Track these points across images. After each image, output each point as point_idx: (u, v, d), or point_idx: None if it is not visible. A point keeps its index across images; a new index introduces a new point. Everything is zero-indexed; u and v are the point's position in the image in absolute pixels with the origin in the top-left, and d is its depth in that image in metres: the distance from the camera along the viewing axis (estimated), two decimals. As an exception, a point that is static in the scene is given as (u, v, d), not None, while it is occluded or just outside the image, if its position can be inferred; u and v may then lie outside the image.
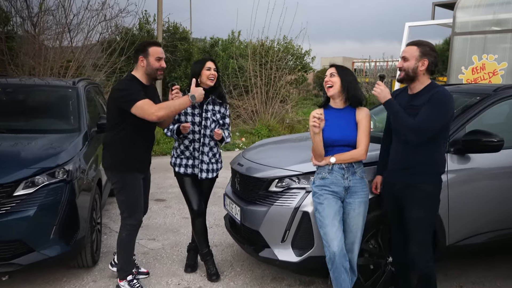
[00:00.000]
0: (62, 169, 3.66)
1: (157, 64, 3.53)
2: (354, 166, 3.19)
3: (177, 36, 16.03)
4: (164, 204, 6.55)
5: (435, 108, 2.94)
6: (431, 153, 3.06)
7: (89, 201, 3.97)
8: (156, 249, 4.72)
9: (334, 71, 3.21)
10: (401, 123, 3.01)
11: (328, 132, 3.19)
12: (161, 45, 3.66)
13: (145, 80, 3.59)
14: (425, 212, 3.08)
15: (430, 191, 3.08)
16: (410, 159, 3.08)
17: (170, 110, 3.41)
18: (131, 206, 3.61)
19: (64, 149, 3.90)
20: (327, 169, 3.19)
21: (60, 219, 3.56)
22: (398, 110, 3.04)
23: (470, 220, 3.69)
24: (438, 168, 3.11)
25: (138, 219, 3.68)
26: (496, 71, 8.49)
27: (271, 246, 3.55)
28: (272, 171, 3.66)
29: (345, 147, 3.18)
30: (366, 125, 3.21)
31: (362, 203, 3.19)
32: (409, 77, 3.09)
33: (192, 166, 3.92)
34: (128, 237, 3.67)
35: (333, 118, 3.23)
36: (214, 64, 3.88)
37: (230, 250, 4.74)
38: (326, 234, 3.12)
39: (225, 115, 4.04)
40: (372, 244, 3.55)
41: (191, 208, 3.96)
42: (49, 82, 5.42)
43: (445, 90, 3.01)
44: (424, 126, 2.93)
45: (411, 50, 3.08)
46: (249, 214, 3.72)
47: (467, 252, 3.87)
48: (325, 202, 3.15)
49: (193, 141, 3.90)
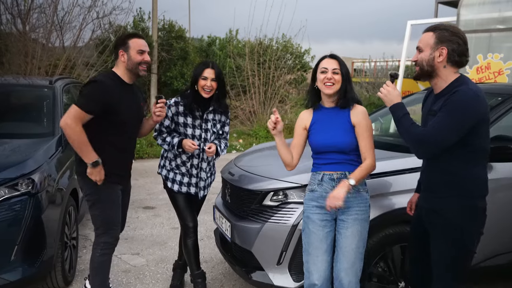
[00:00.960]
0: (26, 180, 3.20)
1: (139, 58, 3.09)
2: (348, 176, 2.65)
3: (173, 35, 15.58)
4: (153, 212, 6.08)
5: (448, 114, 2.27)
6: (457, 170, 2.38)
7: (59, 214, 3.50)
8: (139, 266, 4.25)
9: (337, 66, 2.68)
10: (405, 133, 2.39)
11: (314, 136, 2.72)
12: (143, 38, 3.21)
13: (127, 77, 3.16)
14: (447, 245, 2.41)
15: (455, 220, 2.39)
16: (431, 177, 2.50)
17: (76, 143, 2.92)
18: (106, 221, 3.15)
19: (31, 156, 3.44)
20: (317, 180, 2.70)
21: (23, 238, 3.10)
22: (403, 116, 2.40)
23: (493, 238, 3.23)
24: (467, 190, 2.39)
25: (114, 236, 3.22)
26: (502, 71, 8.15)
27: (265, 269, 3.09)
28: (266, 183, 3.20)
29: (336, 153, 2.67)
30: (368, 128, 2.67)
31: (357, 221, 2.64)
32: (425, 73, 2.43)
33: (188, 184, 3.45)
34: (102, 257, 3.19)
35: (322, 120, 2.74)
36: (213, 73, 3.30)
37: (221, 267, 4.27)
38: (308, 263, 2.69)
39: (225, 123, 3.56)
40: (381, 267, 3.09)
41: (185, 225, 3.48)
42: (23, 81, 4.93)
43: (469, 89, 2.29)
44: (431, 137, 2.29)
45: (426, 37, 2.42)
46: (241, 231, 3.26)
47: (490, 274, 3.40)
48: (311, 226, 2.68)
49: (192, 156, 3.43)
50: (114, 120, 3.04)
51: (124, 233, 5.15)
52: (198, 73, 3.32)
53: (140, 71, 3.13)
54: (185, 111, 3.36)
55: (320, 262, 2.63)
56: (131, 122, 3.18)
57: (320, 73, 2.70)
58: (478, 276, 3.33)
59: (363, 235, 2.67)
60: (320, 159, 2.71)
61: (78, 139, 2.90)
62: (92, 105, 2.94)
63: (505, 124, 3.31)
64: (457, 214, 2.39)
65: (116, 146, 3.12)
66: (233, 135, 13.06)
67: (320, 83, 2.69)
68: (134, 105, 3.20)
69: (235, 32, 16.64)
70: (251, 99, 14.04)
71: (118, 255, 4.50)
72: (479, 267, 3.21)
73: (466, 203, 2.39)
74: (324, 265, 2.64)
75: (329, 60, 2.71)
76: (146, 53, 3.13)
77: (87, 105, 2.94)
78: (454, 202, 2.40)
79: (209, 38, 17.54)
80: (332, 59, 2.71)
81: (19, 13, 10.54)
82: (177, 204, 3.52)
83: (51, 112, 4.22)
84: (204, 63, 3.37)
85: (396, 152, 3.26)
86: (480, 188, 2.43)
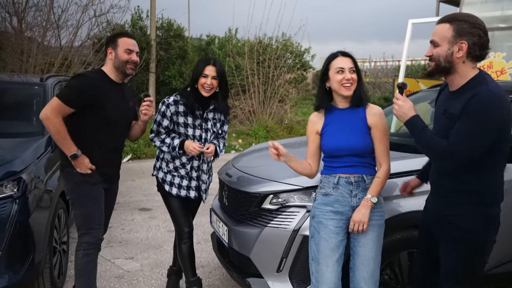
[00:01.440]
0: (11, 181, 3.02)
1: (126, 56, 3.04)
2: (366, 180, 2.51)
3: (172, 34, 15.42)
4: (149, 214, 5.91)
5: (472, 123, 2.05)
6: (472, 175, 2.18)
7: (47, 218, 3.33)
8: (132, 271, 4.07)
9: (353, 65, 2.49)
10: (427, 149, 2.20)
11: (327, 139, 2.54)
12: (133, 37, 3.15)
13: (114, 75, 3.08)
14: (458, 253, 2.24)
15: (466, 227, 2.20)
16: (442, 181, 2.30)
17: (55, 136, 2.89)
18: (87, 220, 3.01)
19: (17, 156, 3.26)
20: (332, 183, 2.52)
21: (7, 243, 2.92)
22: (421, 131, 2.19)
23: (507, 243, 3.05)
24: (481, 196, 2.19)
25: (96, 236, 3.05)
26: (504, 70, 8.03)
27: (265, 277, 2.91)
28: (265, 185, 3.02)
29: (351, 157, 2.50)
30: (384, 130, 2.51)
31: (375, 226, 2.49)
32: (442, 69, 2.20)
33: (187, 187, 3.28)
34: (85, 258, 3.02)
35: (335, 121, 2.56)
36: (214, 70, 3.14)
37: (218, 272, 4.09)
38: (317, 273, 2.47)
39: (224, 122, 3.40)
40: (387, 274, 2.91)
41: (180, 230, 3.30)
42: (12, 79, 4.76)
43: (491, 92, 2.06)
44: (461, 149, 2.08)
45: (441, 30, 2.19)
46: (238, 236, 3.08)
47: (502, 280, 3.23)
48: (323, 232, 2.48)
49: (192, 158, 3.25)
50: (100, 116, 2.97)
51: (119, 236, 4.99)
52: (199, 71, 3.15)
53: (127, 69, 3.08)
54: (186, 110, 3.19)
55: (329, 273, 2.43)
56: (118, 120, 3.09)
57: (336, 73, 2.49)
58: (489, 283, 3.15)
59: (380, 242, 2.51)
60: (334, 162, 2.54)
61: (56, 131, 2.86)
62: (73, 98, 2.90)
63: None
64: (468, 220, 2.21)
65: (102, 144, 3.03)
66: (232, 135, 12.89)
67: (337, 84, 2.49)
68: (122, 104, 3.12)
69: (235, 31, 16.49)
70: (250, 98, 13.87)
71: (112, 259, 4.33)
72: (491, 273, 3.03)
73: (479, 210, 2.20)
74: (334, 275, 2.44)
75: (344, 59, 2.51)
76: (134, 52, 3.08)
77: (68, 97, 2.89)
78: (466, 209, 2.22)
79: (208, 37, 17.38)
80: (346, 57, 2.51)
81: (15, 11, 10.39)
82: (171, 207, 3.34)
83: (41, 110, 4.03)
84: (205, 60, 3.20)
85: (403, 153, 3.07)
86: (495, 194, 2.23)
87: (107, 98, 2.98)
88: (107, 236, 4.93)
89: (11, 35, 10.27)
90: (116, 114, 3.04)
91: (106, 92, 2.98)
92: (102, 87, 2.98)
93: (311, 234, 2.56)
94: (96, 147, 2.99)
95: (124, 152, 10.10)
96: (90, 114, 2.94)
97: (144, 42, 13.92)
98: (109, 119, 3.01)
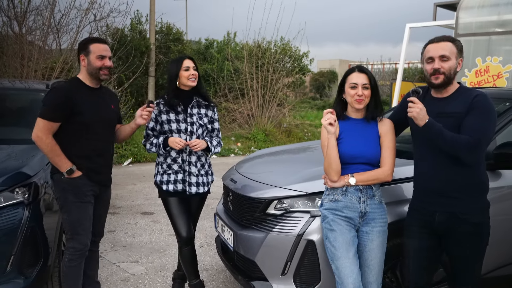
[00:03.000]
0: (22, 188, 3.10)
1: (98, 63, 3.07)
2: (373, 188, 2.65)
3: (171, 37, 15.49)
4: (152, 218, 5.99)
5: (487, 117, 2.44)
6: (475, 171, 2.53)
7: (56, 222, 3.41)
8: (138, 275, 4.15)
9: (367, 81, 2.64)
10: (453, 143, 2.43)
11: (344, 146, 2.65)
12: (106, 42, 3.19)
13: (90, 81, 3.14)
14: (474, 248, 2.57)
15: (481, 222, 2.55)
16: (450, 182, 2.53)
17: (49, 154, 2.99)
18: (73, 225, 3.07)
19: (27, 163, 3.34)
20: (340, 191, 2.65)
21: (19, 247, 2.99)
22: (441, 128, 2.46)
23: (501, 247, 3.15)
24: (486, 189, 2.59)
25: (83, 242, 3.10)
26: (501, 74, 8.12)
27: (270, 280, 3.00)
28: (270, 191, 3.11)
29: (364, 165, 2.64)
30: (392, 139, 2.69)
31: (381, 232, 2.64)
32: (449, 80, 2.53)
33: (182, 181, 3.37)
34: (69, 263, 3.08)
35: (350, 130, 2.69)
36: (192, 62, 3.39)
37: (222, 276, 4.18)
38: (339, 269, 2.57)
39: (213, 119, 3.51)
40: (388, 278, 3.00)
41: (179, 235, 3.39)
42: (18, 85, 4.83)
43: (484, 93, 2.51)
44: (485, 140, 2.47)
45: (449, 47, 2.52)
46: (244, 240, 3.16)
47: (499, 284, 3.32)
48: (337, 228, 2.61)
49: (181, 151, 3.36)
50: (78, 123, 3.02)
51: (123, 240, 5.07)
52: (178, 67, 3.33)
53: (100, 75, 3.11)
54: (166, 108, 3.35)
55: (352, 264, 2.54)
56: (97, 124, 3.11)
57: (349, 88, 2.66)
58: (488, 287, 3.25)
59: (384, 247, 2.67)
60: (344, 169, 2.65)
61: (50, 150, 2.96)
62: (54, 113, 2.97)
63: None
64: (478, 212, 2.54)
65: (86, 151, 3.07)
66: (231, 139, 12.98)
67: (350, 98, 2.66)
68: (100, 108, 3.14)
69: (233, 34, 16.58)
70: (249, 102, 13.97)
71: (117, 263, 4.41)
72: (487, 277, 3.13)
73: (484, 199, 2.58)
74: (356, 269, 2.55)
75: (359, 75, 2.66)
76: (107, 58, 3.10)
77: (48, 114, 2.96)
78: (476, 201, 2.54)
79: (206, 40, 17.46)
80: (361, 73, 2.66)
81: (15, 15, 10.45)
82: (171, 212, 3.43)
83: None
84: (180, 58, 3.40)
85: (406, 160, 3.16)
86: (488, 181, 2.61)
87: (83, 104, 3.02)
88: (112, 240, 5.02)
89: (12, 39, 10.33)
90: (94, 117, 3.07)
91: (80, 98, 3.02)
92: (76, 94, 3.02)
93: (325, 236, 2.67)
94: (79, 154, 3.04)
95: (124, 156, 10.18)
96: (70, 123, 3.00)
97: (143, 46, 14.00)
98: (88, 124, 3.04)
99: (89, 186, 3.09)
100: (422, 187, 2.66)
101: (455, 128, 2.49)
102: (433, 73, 2.51)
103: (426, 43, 2.63)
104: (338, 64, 41.27)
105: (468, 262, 2.60)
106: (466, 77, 8.52)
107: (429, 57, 2.54)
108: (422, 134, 2.56)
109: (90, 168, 3.09)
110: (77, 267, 3.11)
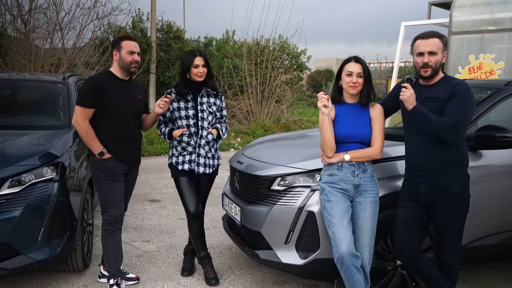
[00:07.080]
0: (50, 167, 3.44)
1: (129, 58, 3.50)
2: (365, 163, 3.02)
3: (171, 35, 15.81)
4: (159, 204, 6.32)
5: (466, 102, 2.81)
6: (458, 146, 2.90)
7: (79, 201, 3.74)
8: (150, 252, 4.50)
9: (361, 70, 3.01)
10: (437, 125, 2.80)
11: (340, 127, 3.02)
12: (134, 40, 3.62)
13: (121, 74, 3.56)
14: (456, 215, 2.96)
15: (461, 191, 2.94)
16: (435, 157, 2.91)
17: (84, 138, 3.42)
18: (105, 199, 3.52)
19: (53, 146, 3.67)
20: (336, 166, 3.01)
21: (48, 220, 3.33)
22: (426, 112, 2.84)
23: (483, 219, 3.51)
24: (466, 163, 2.98)
25: (113, 214, 3.53)
26: (493, 71, 8.40)
27: (274, 248, 3.35)
28: (274, 169, 3.45)
29: (357, 143, 3.01)
30: (382, 122, 3.06)
31: (373, 203, 3.01)
32: (436, 72, 2.92)
33: (193, 161, 3.72)
34: (104, 233, 3.57)
35: (345, 113, 3.07)
36: (203, 60, 3.67)
37: (228, 252, 4.52)
38: (334, 234, 2.93)
39: (221, 107, 3.86)
40: (381, 246, 3.35)
41: (187, 210, 3.74)
42: (38, 77, 5.17)
43: (465, 82, 2.91)
44: (464, 122, 2.82)
45: (436, 43, 2.89)
46: (250, 215, 3.51)
47: (481, 253, 3.67)
48: (333, 199, 2.97)
49: (191, 135, 3.70)
50: (109, 108, 3.41)
51: (133, 223, 5.40)
52: (188, 63, 3.64)
53: (131, 68, 3.51)
54: (177, 97, 3.69)
55: (346, 229, 2.90)
56: (126, 110, 3.51)
57: (345, 75, 3.03)
58: (469, 256, 3.59)
59: (376, 216, 3.03)
60: (340, 148, 3.01)
61: (86, 134, 3.39)
62: (89, 100, 3.38)
63: (491, 115, 3.58)
64: (459, 183, 2.92)
65: (116, 133, 3.48)
66: (231, 134, 13.29)
67: (346, 85, 3.04)
68: (129, 96, 3.55)
69: (232, 33, 16.89)
70: (248, 98, 14.28)
71: (130, 242, 4.74)
72: (470, 246, 3.48)
73: (464, 172, 2.96)
74: (350, 234, 2.91)
75: (355, 64, 3.02)
76: (136, 53, 3.52)
77: (84, 101, 3.38)
78: (456, 174, 2.92)
79: (205, 38, 17.76)
80: (357, 63, 3.02)
81: (20, 14, 10.74)
82: (181, 188, 3.76)
83: (67, 106, 4.46)
84: (191, 53, 3.68)
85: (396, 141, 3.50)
86: (467, 157, 3.00)
87: (113, 93, 3.42)
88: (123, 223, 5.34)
89: (19, 38, 10.61)
90: (123, 103, 3.46)
91: (111, 88, 3.43)
92: (107, 84, 3.43)
93: (323, 206, 3.03)
94: (112, 136, 3.46)
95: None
96: (103, 110, 3.40)
97: (144, 44, 14.31)
98: (118, 111, 3.44)
99: (119, 166, 3.51)
100: (410, 164, 3.05)
101: (438, 111, 2.87)
102: (423, 66, 2.89)
103: (415, 37, 2.99)
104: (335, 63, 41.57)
105: (451, 228, 2.98)
106: (460, 74, 8.82)
107: (419, 52, 2.92)
108: (410, 117, 2.93)
109: (121, 149, 3.49)
110: (112, 237, 3.55)
